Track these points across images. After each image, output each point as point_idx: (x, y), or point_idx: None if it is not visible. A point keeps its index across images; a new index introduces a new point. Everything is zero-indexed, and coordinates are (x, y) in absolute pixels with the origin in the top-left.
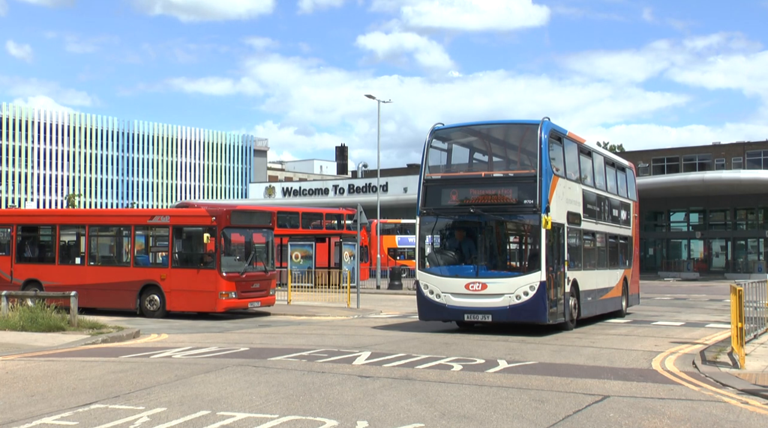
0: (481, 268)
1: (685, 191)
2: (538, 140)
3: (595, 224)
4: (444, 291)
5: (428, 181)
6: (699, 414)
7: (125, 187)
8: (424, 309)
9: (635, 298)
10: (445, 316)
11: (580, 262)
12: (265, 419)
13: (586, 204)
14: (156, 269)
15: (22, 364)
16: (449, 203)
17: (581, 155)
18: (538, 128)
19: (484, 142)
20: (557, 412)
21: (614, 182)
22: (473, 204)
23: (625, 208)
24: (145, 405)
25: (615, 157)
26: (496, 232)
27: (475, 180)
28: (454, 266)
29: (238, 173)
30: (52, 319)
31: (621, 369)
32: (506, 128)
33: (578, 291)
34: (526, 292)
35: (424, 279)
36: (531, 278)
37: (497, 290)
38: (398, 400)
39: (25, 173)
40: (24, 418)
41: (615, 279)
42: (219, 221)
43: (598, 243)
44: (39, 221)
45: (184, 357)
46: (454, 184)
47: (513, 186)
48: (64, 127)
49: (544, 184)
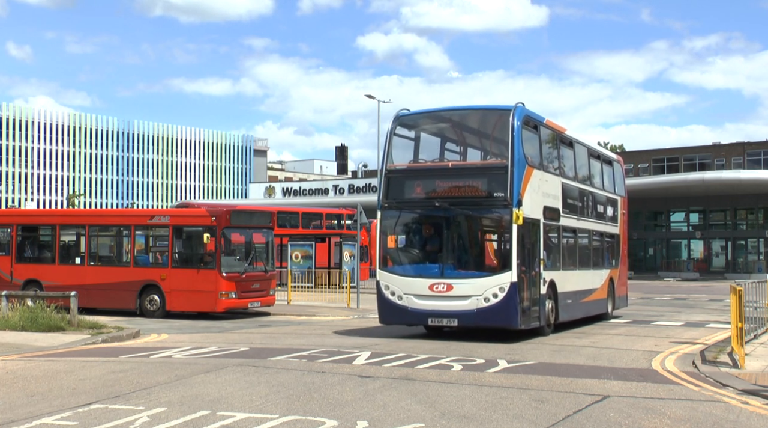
0: (447, 267)
1: (685, 191)
2: (510, 127)
3: (576, 220)
4: (406, 293)
5: (390, 172)
6: (699, 414)
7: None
8: (384, 312)
9: (623, 300)
10: (407, 320)
11: (559, 261)
12: (266, 419)
13: (567, 199)
14: (156, 269)
15: (22, 364)
16: (413, 196)
17: (561, 146)
18: (510, 114)
19: (454, 130)
20: (557, 412)
21: (600, 177)
22: (439, 197)
23: (612, 204)
24: (145, 405)
25: (601, 149)
26: (464, 228)
27: (442, 171)
28: (418, 265)
29: (238, 173)
30: (52, 319)
31: (621, 369)
32: (477, 113)
33: (556, 293)
34: (496, 294)
35: (385, 279)
36: (501, 278)
37: (464, 291)
38: (398, 400)
39: (25, 173)
40: (24, 418)
41: (599, 280)
42: (219, 221)
43: (580, 241)
44: (39, 221)
45: (184, 357)
46: (418, 175)
47: (482, 177)
48: (64, 127)
49: (515, 175)
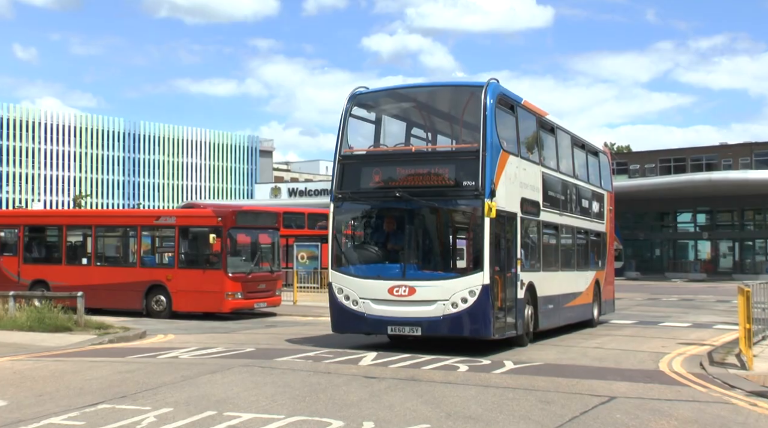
0: (409, 268)
1: (692, 191)
2: (481, 106)
3: (558, 215)
4: (363, 297)
5: (345, 158)
6: (707, 415)
7: (132, 187)
8: (338, 319)
9: (609, 305)
10: (363, 328)
11: (539, 261)
12: (272, 419)
13: (548, 191)
14: (162, 270)
15: (30, 364)
16: (371, 186)
17: (542, 131)
18: (482, 92)
19: (420, 111)
20: (564, 413)
21: (584, 168)
22: (400, 187)
23: (598, 199)
24: (152, 405)
25: (586, 139)
26: (429, 222)
27: (403, 156)
28: (376, 265)
29: (243, 174)
30: (59, 319)
31: (628, 370)
32: (445, 91)
33: (535, 298)
34: (465, 298)
35: (338, 281)
36: (471, 280)
37: (428, 295)
38: (404, 401)
39: (32, 174)
40: (32, 418)
41: (584, 283)
42: (225, 221)
43: (562, 239)
44: (46, 222)
45: (190, 357)
46: (376, 161)
47: (450, 164)
48: (71, 128)
49: (488, 161)
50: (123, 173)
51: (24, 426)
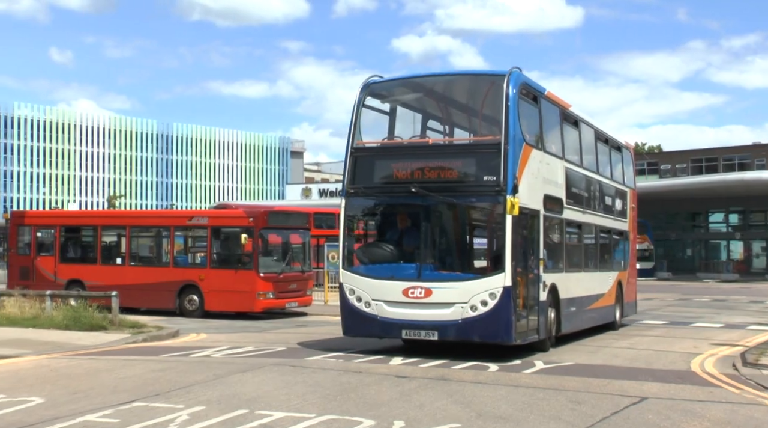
0: (426, 268)
1: (724, 191)
2: (503, 97)
3: (582, 213)
4: (375, 298)
5: (358, 151)
6: (739, 416)
7: (165, 188)
8: (349, 322)
9: (631, 307)
10: (376, 332)
11: (562, 261)
12: (303, 418)
13: (571, 187)
14: (195, 270)
15: (66, 362)
16: (384, 181)
17: (565, 124)
18: (504, 81)
19: (437, 102)
20: (594, 413)
21: (608, 164)
22: (416, 181)
23: (621, 196)
24: (185, 403)
25: (609, 133)
26: (447, 219)
27: (419, 149)
28: (390, 264)
29: (274, 175)
30: (95, 318)
31: (659, 370)
32: (463, 80)
33: (558, 300)
34: (485, 301)
35: (350, 282)
36: (492, 281)
37: (446, 297)
38: (434, 400)
39: (68, 175)
40: (67, 415)
41: (607, 284)
42: (256, 222)
43: (585, 238)
44: (81, 222)
45: (222, 356)
46: (390, 155)
47: (470, 157)
48: (105, 130)
49: (510, 155)
50: (156, 174)
51: (60, 424)
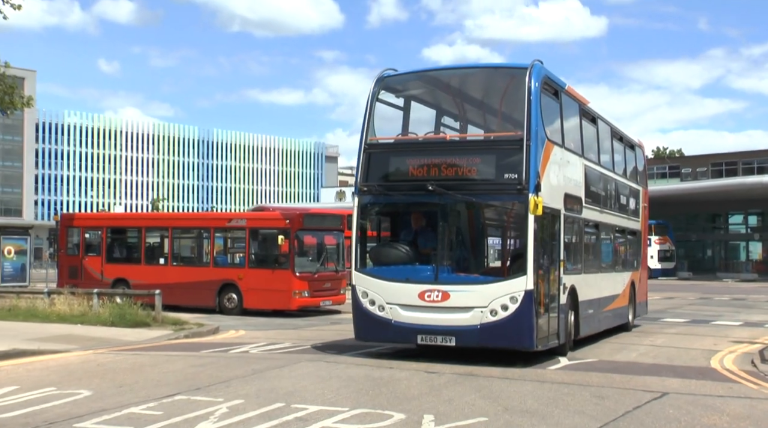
0: (443, 270)
1: (744, 194)
2: (526, 90)
3: (599, 213)
4: (390, 302)
5: (371, 147)
6: (758, 411)
7: (205, 192)
8: (362, 326)
9: (643, 307)
10: (390, 337)
11: (580, 263)
12: (337, 411)
13: (589, 186)
14: (234, 269)
15: (111, 357)
16: (399, 178)
17: (584, 121)
18: (526, 74)
19: (453, 97)
20: (617, 408)
21: (623, 162)
22: (432, 179)
23: (634, 195)
24: (224, 397)
25: (624, 130)
26: (465, 219)
27: (436, 145)
28: (405, 266)
29: (310, 179)
30: (139, 315)
31: (680, 367)
32: (482, 74)
33: (577, 302)
34: (505, 305)
35: (363, 284)
36: (513, 285)
37: (464, 301)
38: (463, 395)
39: (114, 179)
40: (114, 407)
41: (621, 285)
42: (292, 223)
43: (602, 238)
44: (126, 224)
45: (260, 352)
46: (405, 151)
47: (490, 154)
48: (150, 136)
49: (533, 152)
50: (197, 178)
51: (107, 415)
